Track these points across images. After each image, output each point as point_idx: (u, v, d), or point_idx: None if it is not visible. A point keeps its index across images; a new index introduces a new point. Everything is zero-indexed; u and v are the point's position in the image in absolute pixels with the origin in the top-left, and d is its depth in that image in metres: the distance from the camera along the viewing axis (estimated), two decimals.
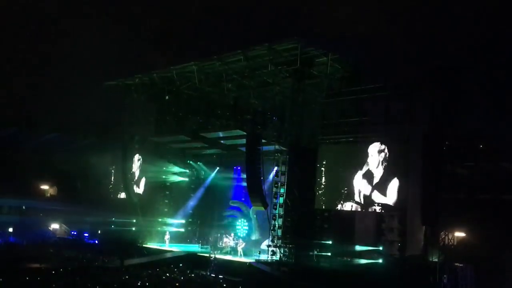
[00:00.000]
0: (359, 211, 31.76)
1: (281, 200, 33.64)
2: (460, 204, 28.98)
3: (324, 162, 33.98)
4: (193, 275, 31.07)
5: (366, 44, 32.28)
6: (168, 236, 42.69)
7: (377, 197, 30.79)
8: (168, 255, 37.33)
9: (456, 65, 29.53)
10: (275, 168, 35.69)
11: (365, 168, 31.60)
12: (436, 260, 27.65)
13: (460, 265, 27.87)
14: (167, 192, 45.44)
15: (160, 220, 44.11)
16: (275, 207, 33.86)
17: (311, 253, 32.63)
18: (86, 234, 45.77)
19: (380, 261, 29.80)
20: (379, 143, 31.17)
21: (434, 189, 27.90)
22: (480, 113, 29.77)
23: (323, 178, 33.80)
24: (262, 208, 34.55)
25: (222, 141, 42.05)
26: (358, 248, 31.06)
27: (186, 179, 45.93)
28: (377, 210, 30.69)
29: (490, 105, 29.85)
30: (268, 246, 33.94)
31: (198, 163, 46.21)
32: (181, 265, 34.10)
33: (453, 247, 29.12)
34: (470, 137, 30.52)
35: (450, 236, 29.00)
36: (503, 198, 30.06)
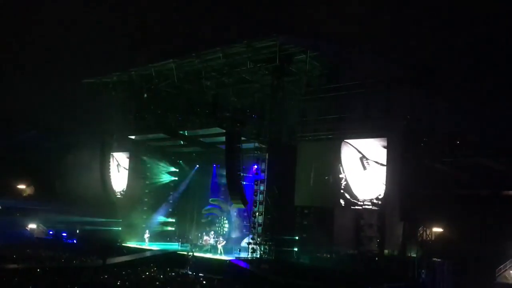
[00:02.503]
0: (338, 207, 31.90)
1: (261, 197, 33.62)
2: (438, 200, 29.32)
3: (304, 159, 34.03)
4: (173, 273, 30.87)
5: (345, 41, 32.37)
6: (147, 235, 42.41)
7: (356, 193, 30.96)
8: (148, 253, 37.04)
9: (434, 63, 29.87)
10: (255, 166, 35.67)
11: (344, 165, 31.76)
12: (414, 255, 27.95)
13: (438, 260, 28.18)
14: (146, 191, 45.10)
15: (139, 218, 43.76)
16: (255, 204, 33.81)
17: (291, 250, 32.70)
18: (64, 234, 45.20)
19: (360, 257, 29.99)
20: (358, 140, 31.37)
21: (413, 185, 28.20)
22: (457, 110, 30.13)
23: (303, 175, 33.84)
24: (242, 206, 34.53)
25: (201, 139, 41.90)
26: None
27: (167, 177, 45.67)
28: (356, 207, 30.88)
29: (468, 102, 30.20)
30: (248, 243, 33.93)
31: (178, 161, 46.05)
32: (161, 263, 33.87)
33: (431, 243, 29.48)
34: (448, 133, 30.85)
35: (428, 232, 29.35)
36: (481, 194, 30.48)
